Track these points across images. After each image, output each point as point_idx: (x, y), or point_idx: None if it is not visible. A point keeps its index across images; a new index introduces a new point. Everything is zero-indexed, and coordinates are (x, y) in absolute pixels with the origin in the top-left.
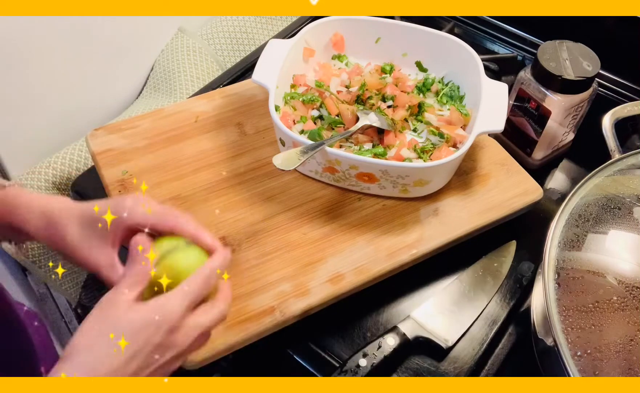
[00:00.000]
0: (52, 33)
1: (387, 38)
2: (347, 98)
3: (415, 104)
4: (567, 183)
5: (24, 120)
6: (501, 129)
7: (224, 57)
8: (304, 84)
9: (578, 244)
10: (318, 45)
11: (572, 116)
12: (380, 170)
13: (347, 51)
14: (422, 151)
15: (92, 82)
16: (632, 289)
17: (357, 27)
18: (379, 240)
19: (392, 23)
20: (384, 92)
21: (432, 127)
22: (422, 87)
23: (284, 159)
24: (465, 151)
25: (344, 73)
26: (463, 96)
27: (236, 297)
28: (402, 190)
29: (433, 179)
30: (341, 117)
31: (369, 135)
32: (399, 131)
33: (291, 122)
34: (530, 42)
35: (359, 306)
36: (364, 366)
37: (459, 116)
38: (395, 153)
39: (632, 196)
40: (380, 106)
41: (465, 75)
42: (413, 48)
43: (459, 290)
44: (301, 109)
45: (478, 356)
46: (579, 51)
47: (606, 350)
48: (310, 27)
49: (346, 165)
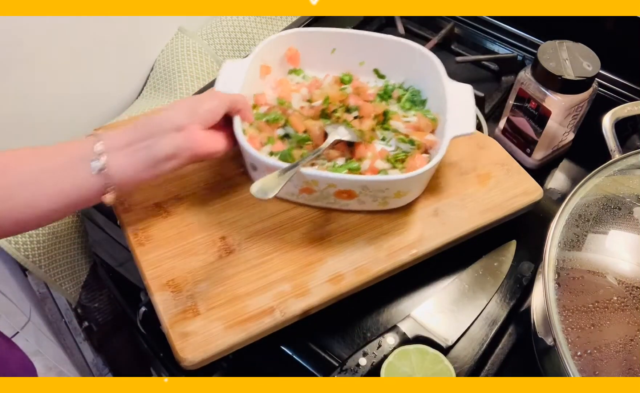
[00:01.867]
0: (52, 33)
1: (343, 48)
2: (311, 113)
3: (381, 113)
4: (567, 183)
5: (24, 120)
6: (472, 131)
7: (224, 57)
8: (265, 103)
9: (578, 244)
10: (273, 61)
11: (572, 116)
12: (360, 186)
13: (303, 64)
14: (396, 160)
15: (92, 82)
16: (632, 289)
17: (311, 40)
18: (379, 240)
19: (346, 32)
20: (348, 104)
21: (400, 135)
22: (383, 94)
23: (261, 187)
24: (441, 157)
25: (303, 88)
26: (425, 100)
27: (236, 297)
28: (382, 203)
29: (412, 189)
30: (309, 133)
31: (339, 149)
32: (369, 141)
33: (259, 144)
34: (530, 42)
35: (359, 306)
36: (364, 365)
37: (427, 122)
38: (369, 165)
39: (632, 196)
40: (346, 118)
41: (425, 79)
42: (369, 56)
43: (459, 290)
44: (266, 129)
45: (478, 356)
46: (579, 51)
47: (606, 350)
48: (264, 43)
49: (324, 184)
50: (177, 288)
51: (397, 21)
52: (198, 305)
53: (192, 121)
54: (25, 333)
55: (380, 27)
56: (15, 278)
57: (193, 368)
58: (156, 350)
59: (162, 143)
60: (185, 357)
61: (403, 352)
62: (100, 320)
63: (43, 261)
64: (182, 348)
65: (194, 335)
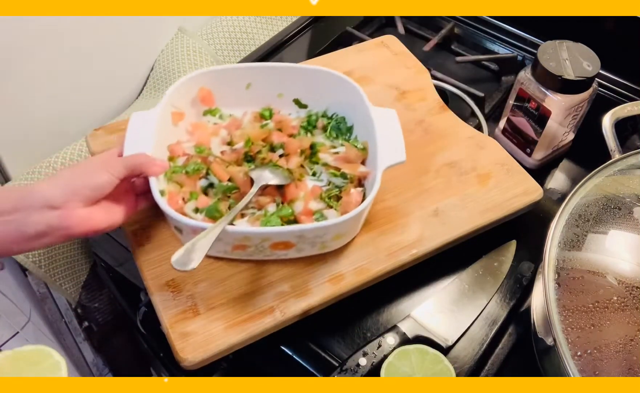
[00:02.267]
0: (53, 33)
1: (258, 82)
2: (233, 158)
3: (307, 147)
4: (567, 183)
5: (24, 120)
6: (404, 159)
7: (224, 57)
8: (183, 153)
9: (578, 244)
10: (185, 105)
11: (572, 116)
12: (296, 236)
13: (218, 103)
14: (330, 197)
15: (92, 82)
16: (632, 289)
17: (222, 78)
18: (379, 240)
19: (259, 66)
20: (271, 142)
21: (331, 169)
22: (307, 125)
23: (182, 257)
24: (377, 191)
25: (222, 129)
26: (351, 126)
27: (236, 297)
28: (321, 247)
29: (351, 229)
30: (234, 181)
31: (269, 194)
32: (299, 180)
33: (181, 202)
34: (530, 42)
35: (359, 306)
36: (364, 365)
37: (356, 152)
38: (302, 207)
39: (632, 196)
40: (272, 158)
41: (348, 105)
42: (287, 87)
43: (459, 290)
44: (188, 183)
45: (478, 356)
46: (579, 51)
47: (606, 350)
48: (172, 89)
49: (257, 239)
50: (177, 288)
51: (397, 21)
52: (198, 305)
53: (70, 199)
54: (25, 333)
55: (380, 27)
56: (15, 278)
57: (193, 368)
58: (156, 350)
59: (32, 220)
60: (185, 357)
61: (403, 352)
62: (100, 320)
63: (43, 261)
64: (182, 348)
65: (194, 335)
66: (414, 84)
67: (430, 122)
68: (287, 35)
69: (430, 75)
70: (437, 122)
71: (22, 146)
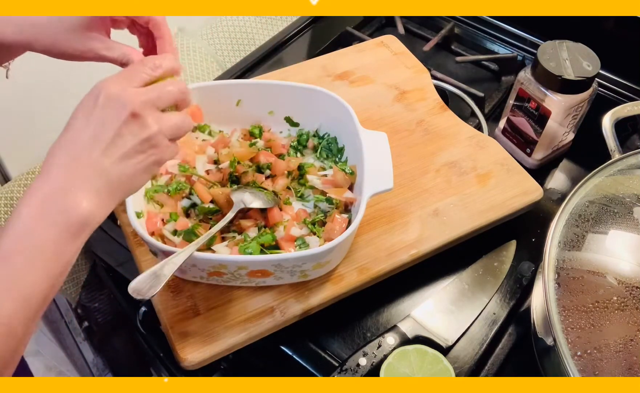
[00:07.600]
0: None
1: (248, 99)
2: (218, 178)
3: (295, 168)
4: (567, 183)
5: (24, 120)
6: (391, 187)
7: (224, 57)
8: (166, 171)
9: (578, 244)
10: None
11: (572, 116)
12: (272, 265)
13: (208, 119)
14: (313, 223)
15: (93, 82)
16: (632, 289)
17: (212, 94)
18: (379, 240)
19: (250, 83)
20: (258, 162)
21: (318, 193)
22: (297, 145)
23: (140, 283)
24: (360, 220)
25: (209, 147)
26: (342, 147)
27: (236, 297)
28: (302, 276)
29: (332, 257)
30: (216, 203)
31: (252, 217)
32: (284, 203)
33: (159, 223)
34: (530, 42)
35: (359, 306)
36: (363, 365)
37: (344, 176)
38: (285, 233)
39: (632, 196)
40: (258, 179)
41: (340, 125)
42: (278, 104)
43: (459, 290)
44: (169, 203)
45: (478, 356)
46: (579, 51)
47: (606, 350)
48: None
49: (233, 267)
50: (177, 288)
51: (397, 21)
52: (198, 305)
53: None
54: None
55: (380, 27)
56: None
57: (193, 368)
58: (156, 350)
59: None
60: (185, 357)
61: (403, 352)
62: (100, 320)
63: None
64: (182, 348)
65: (194, 335)
66: (414, 84)
67: (430, 122)
68: (287, 35)
69: (430, 75)
70: (437, 122)
71: (22, 146)
